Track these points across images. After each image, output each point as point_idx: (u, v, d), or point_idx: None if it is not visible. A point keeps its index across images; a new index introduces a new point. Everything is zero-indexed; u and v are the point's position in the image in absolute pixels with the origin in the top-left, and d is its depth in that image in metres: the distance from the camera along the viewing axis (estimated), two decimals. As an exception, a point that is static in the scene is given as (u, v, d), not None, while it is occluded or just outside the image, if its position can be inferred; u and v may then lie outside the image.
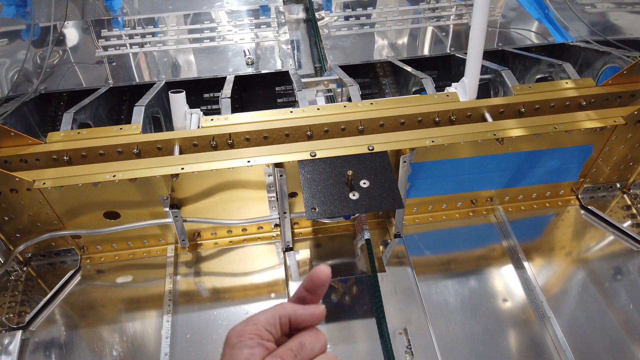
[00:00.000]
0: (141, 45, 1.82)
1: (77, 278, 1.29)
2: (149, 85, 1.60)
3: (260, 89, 1.98)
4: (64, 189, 1.11)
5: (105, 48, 1.81)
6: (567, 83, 1.34)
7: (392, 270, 1.27)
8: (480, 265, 1.30)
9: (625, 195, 1.46)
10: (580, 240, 1.35)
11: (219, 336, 1.16)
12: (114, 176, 1.10)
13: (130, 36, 1.85)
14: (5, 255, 1.22)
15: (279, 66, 1.75)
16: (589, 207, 1.41)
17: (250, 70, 1.73)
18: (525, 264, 1.27)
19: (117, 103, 1.88)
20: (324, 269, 0.56)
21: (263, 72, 1.73)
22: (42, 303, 1.23)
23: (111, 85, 1.68)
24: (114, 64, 1.77)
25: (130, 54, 1.80)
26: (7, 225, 1.19)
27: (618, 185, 1.45)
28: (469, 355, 1.11)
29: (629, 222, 1.39)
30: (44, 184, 1.08)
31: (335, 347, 1.10)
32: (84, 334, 1.18)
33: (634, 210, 1.41)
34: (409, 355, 1.09)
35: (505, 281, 1.26)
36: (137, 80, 1.72)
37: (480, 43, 1.25)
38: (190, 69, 1.76)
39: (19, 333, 1.16)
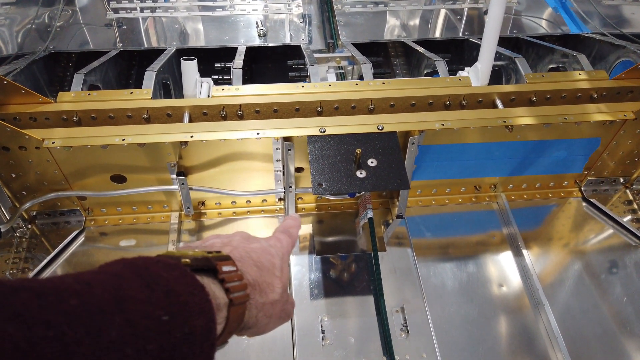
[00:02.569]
0: (152, 10, 1.80)
1: (81, 239, 1.31)
2: (159, 51, 1.59)
3: (270, 62, 1.97)
4: (72, 149, 1.12)
5: (116, 11, 1.79)
6: (580, 74, 1.34)
7: (393, 250, 1.29)
8: (479, 250, 1.31)
9: (627, 190, 1.47)
10: (580, 232, 1.36)
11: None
12: (123, 140, 1.10)
13: (142, 0, 1.83)
14: (11, 211, 1.23)
15: (290, 40, 1.74)
16: (591, 200, 1.42)
17: (262, 42, 1.72)
18: (524, 251, 1.28)
19: (125, 67, 1.87)
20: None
21: (275, 45, 1.72)
22: (45, 261, 1.24)
23: (121, 49, 1.66)
24: (124, 27, 1.75)
25: (141, 18, 1.78)
26: (14, 182, 1.19)
27: (621, 180, 1.46)
28: (463, 336, 1.14)
29: (629, 217, 1.40)
30: (53, 143, 1.09)
31: (333, 321, 1.12)
32: (86, 294, 1.20)
33: (635, 206, 1.43)
34: (404, 333, 1.11)
35: (503, 267, 1.28)
36: (147, 46, 1.70)
37: (496, 29, 1.24)
38: (201, 38, 1.74)
39: (22, 289, 1.17)
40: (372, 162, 1.09)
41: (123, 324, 0.37)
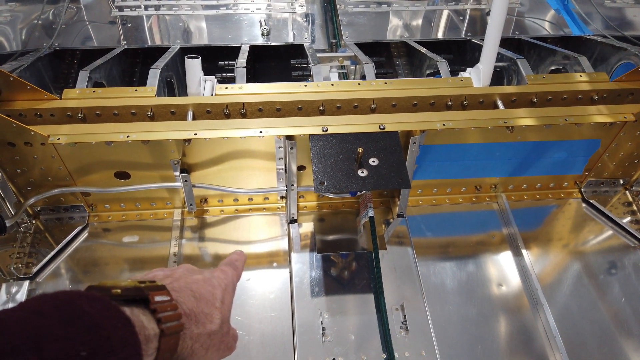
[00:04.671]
0: (157, 8, 1.81)
1: (84, 235, 1.32)
2: (163, 49, 1.60)
3: (273, 61, 1.98)
4: (77, 145, 1.13)
5: (121, 8, 1.80)
6: (581, 76, 1.35)
7: (393, 249, 1.30)
8: (479, 250, 1.32)
9: (627, 192, 1.47)
10: (579, 233, 1.37)
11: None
12: (127, 137, 1.11)
13: (146, -2, 1.84)
14: (16, 207, 1.24)
15: (293, 39, 1.75)
16: (591, 201, 1.43)
17: (265, 41, 1.73)
18: (524, 251, 1.29)
19: (130, 65, 1.88)
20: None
21: (278, 44, 1.73)
22: (49, 256, 1.25)
23: (125, 47, 1.67)
24: (129, 25, 1.77)
25: (145, 16, 1.80)
26: (19, 177, 1.20)
27: (621, 182, 1.47)
28: (461, 335, 1.15)
29: (628, 219, 1.41)
30: (58, 139, 1.10)
31: (333, 318, 1.13)
32: (88, 289, 1.21)
33: (635, 207, 1.44)
34: (403, 331, 1.12)
35: (502, 267, 1.29)
36: (151, 44, 1.71)
37: (498, 30, 1.25)
38: (204, 36, 1.76)
39: (26, 283, 1.19)
40: (373, 162, 1.10)
41: None
